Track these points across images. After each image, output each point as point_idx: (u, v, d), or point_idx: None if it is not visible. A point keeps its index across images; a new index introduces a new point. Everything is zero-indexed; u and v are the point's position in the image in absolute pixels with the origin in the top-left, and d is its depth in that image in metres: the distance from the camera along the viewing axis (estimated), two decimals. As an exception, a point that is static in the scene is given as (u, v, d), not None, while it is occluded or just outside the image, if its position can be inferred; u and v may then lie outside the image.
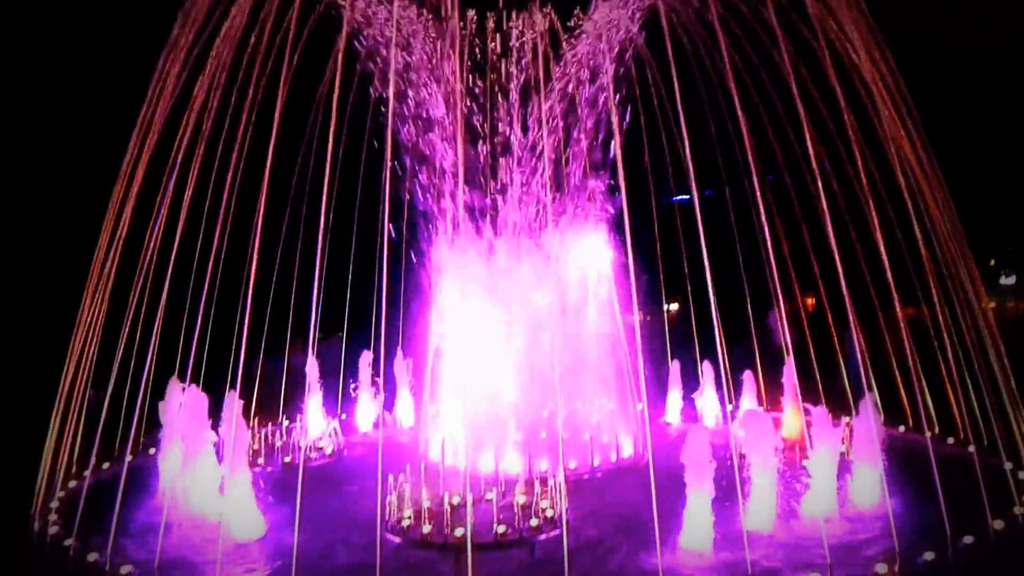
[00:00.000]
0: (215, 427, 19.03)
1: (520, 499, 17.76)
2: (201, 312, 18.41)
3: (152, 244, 19.83)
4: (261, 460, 22.23)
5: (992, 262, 59.58)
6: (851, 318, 17.76)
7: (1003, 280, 60.66)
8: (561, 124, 23.47)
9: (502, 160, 22.81)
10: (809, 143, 17.55)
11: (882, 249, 17.98)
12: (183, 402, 18.95)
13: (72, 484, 20.10)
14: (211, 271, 18.66)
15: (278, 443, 23.41)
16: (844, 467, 19.06)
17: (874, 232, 18.52)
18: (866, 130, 19.39)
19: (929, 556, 15.25)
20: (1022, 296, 57.90)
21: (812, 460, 18.20)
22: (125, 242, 20.26)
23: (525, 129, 23.15)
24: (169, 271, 19.00)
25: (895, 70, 20.64)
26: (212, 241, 19.33)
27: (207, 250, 19.57)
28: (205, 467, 18.47)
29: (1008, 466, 19.35)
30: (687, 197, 27.66)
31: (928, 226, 19.86)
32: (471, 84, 22.90)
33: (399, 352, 26.80)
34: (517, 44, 23.19)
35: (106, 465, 20.66)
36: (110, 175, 21.17)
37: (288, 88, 18.26)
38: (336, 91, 17.31)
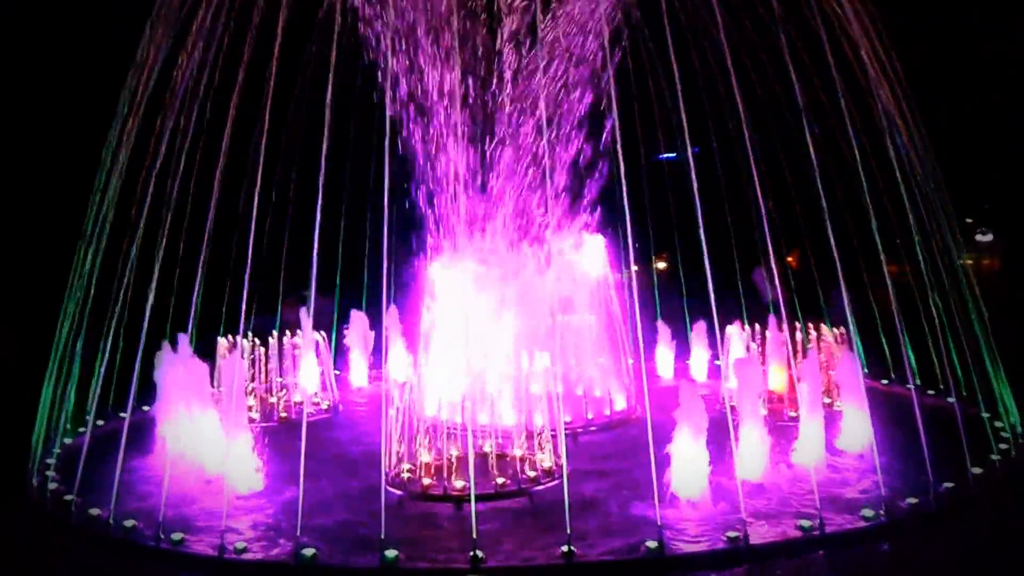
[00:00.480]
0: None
1: (517, 451, 18.19)
2: (203, 263, 18.68)
3: (146, 199, 19.91)
4: (257, 416, 22.42)
5: (969, 220, 60.22)
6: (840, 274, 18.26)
7: (979, 238, 61.25)
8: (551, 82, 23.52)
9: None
10: (798, 96, 17.89)
11: (869, 205, 18.46)
12: (184, 368, 19.30)
13: (67, 441, 20.32)
14: (211, 223, 18.80)
15: (272, 399, 23.72)
16: (831, 417, 19.61)
17: (861, 188, 18.93)
18: (852, 86, 19.73)
19: (912, 500, 15.80)
20: (996, 253, 58.51)
21: (799, 411, 18.72)
22: (119, 199, 20.37)
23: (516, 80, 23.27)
24: (165, 226, 19.26)
25: (880, 27, 20.93)
26: (207, 196, 19.46)
27: (201, 206, 19.71)
28: (205, 425, 18.81)
29: (986, 416, 20.02)
30: (675, 155, 27.92)
31: (913, 184, 20.24)
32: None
33: (392, 309, 27.00)
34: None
35: (100, 422, 20.82)
36: (102, 130, 21.25)
37: (281, 40, 18.39)
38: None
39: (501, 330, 21.91)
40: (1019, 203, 51.78)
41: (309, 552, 14.26)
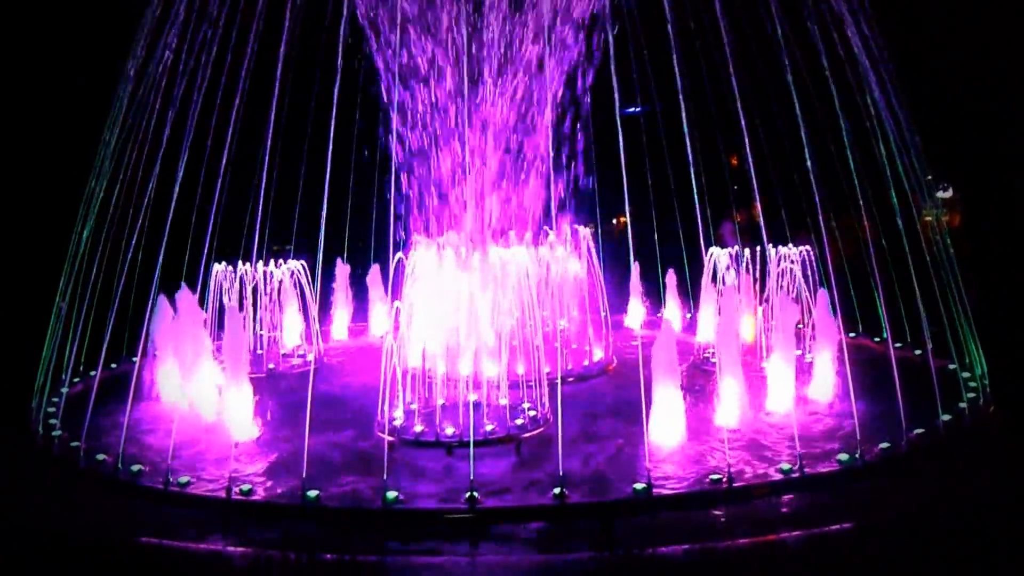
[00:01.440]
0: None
1: (503, 400, 19.00)
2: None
3: (136, 160, 20.40)
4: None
5: (929, 176, 61.41)
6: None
7: (939, 194, 62.59)
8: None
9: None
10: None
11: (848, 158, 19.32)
12: (179, 312, 19.88)
13: (64, 390, 20.79)
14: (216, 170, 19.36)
15: (260, 351, 24.34)
16: (804, 368, 20.64)
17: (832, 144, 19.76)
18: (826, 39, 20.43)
19: (884, 445, 16.78)
20: (955, 209, 59.79)
21: (771, 361, 19.65)
22: (114, 159, 20.80)
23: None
24: (152, 182, 19.74)
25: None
26: (199, 154, 19.97)
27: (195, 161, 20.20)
28: (204, 374, 19.44)
29: (953, 366, 21.06)
30: (639, 109, 28.51)
31: (881, 140, 21.05)
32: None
33: (374, 265, 27.60)
34: None
35: (93, 372, 21.27)
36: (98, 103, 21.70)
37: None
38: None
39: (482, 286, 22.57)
40: (978, 158, 52.80)
41: (313, 493, 14.97)
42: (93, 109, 22.65)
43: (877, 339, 23.64)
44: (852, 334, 24.94)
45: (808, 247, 23.33)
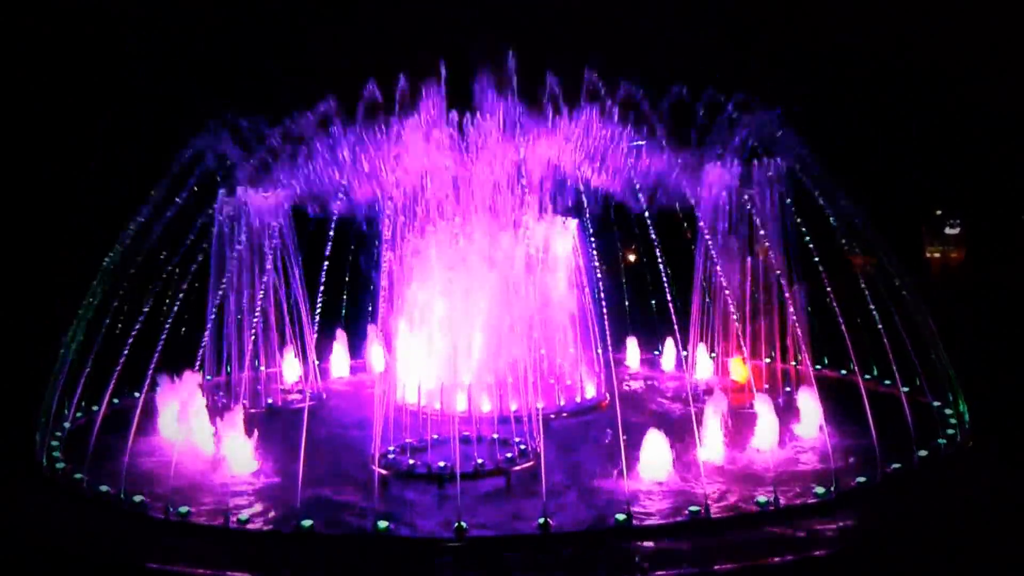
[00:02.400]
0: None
1: (495, 435, 20.09)
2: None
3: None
4: (246, 403, 24.10)
5: (938, 212, 62.42)
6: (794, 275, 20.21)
7: (948, 230, 63.55)
8: None
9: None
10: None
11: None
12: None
13: (67, 424, 21.89)
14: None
15: (259, 387, 25.47)
16: (790, 405, 21.76)
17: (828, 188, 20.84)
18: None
19: (861, 479, 17.79)
20: (963, 245, 60.79)
21: (758, 400, 20.68)
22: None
23: None
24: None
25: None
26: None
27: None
28: (200, 417, 20.66)
29: (936, 404, 22.07)
30: (644, 142, 29.60)
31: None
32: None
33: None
34: None
35: (95, 408, 22.34)
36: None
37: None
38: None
39: (476, 323, 23.64)
40: (983, 194, 53.87)
41: (307, 523, 16.03)
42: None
43: (866, 376, 24.54)
44: (842, 371, 25.87)
45: (799, 285, 24.31)
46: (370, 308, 27.18)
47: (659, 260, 21.04)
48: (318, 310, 26.57)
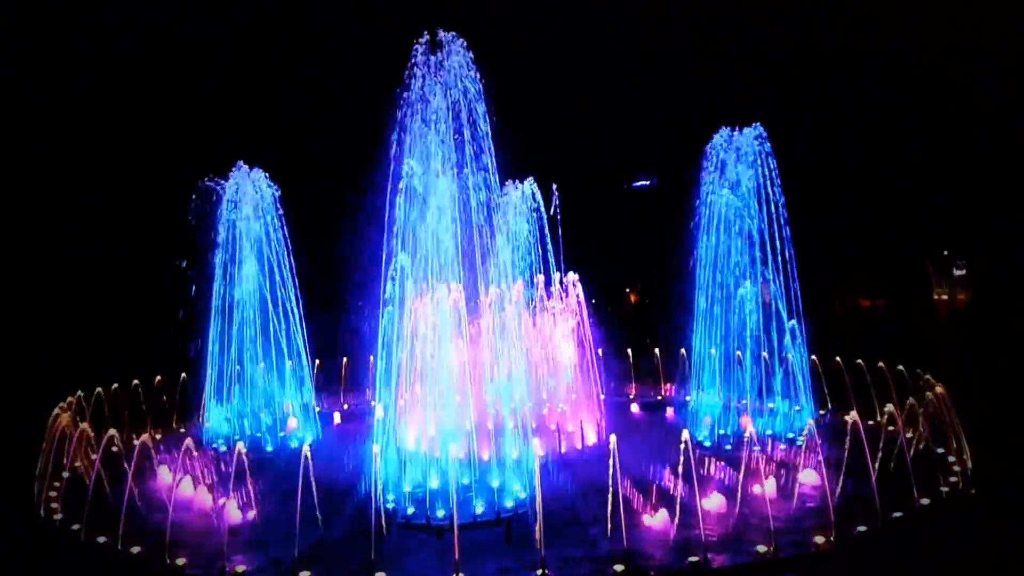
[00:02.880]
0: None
1: (494, 482, 20.19)
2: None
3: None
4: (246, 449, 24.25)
5: (945, 252, 62.57)
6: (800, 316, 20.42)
7: (956, 272, 63.65)
8: None
9: None
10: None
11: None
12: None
13: (65, 474, 22.03)
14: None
15: (259, 434, 25.62)
16: (795, 451, 21.88)
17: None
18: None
19: (861, 528, 17.87)
20: (969, 286, 60.86)
21: (760, 446, 20.79)
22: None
23: None
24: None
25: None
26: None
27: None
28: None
29: (940, 451, 22.15)
30: (647, 183, 29.95)
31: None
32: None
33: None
34: None
35: (94, 457, 22.47)
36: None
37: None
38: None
39: (477, 369, 23.81)
40: (989, 235, 54.12)
41: (305, 574, 16.13)
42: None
43: (871, 422, 24.64)
44: (847, 417, 25.94)
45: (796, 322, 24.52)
46: (371, 357, 27.38)
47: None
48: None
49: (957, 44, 47.76)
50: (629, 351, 30.42)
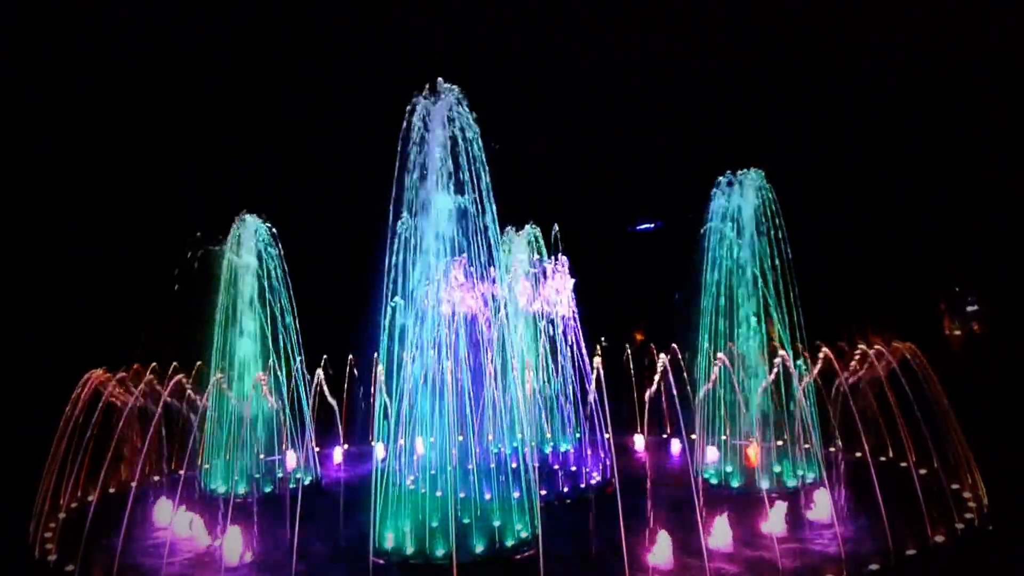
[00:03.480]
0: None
1: (496, 522, 19.96)
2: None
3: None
4: (244, 491, 24.11)
5: (957, 288, 62.41)
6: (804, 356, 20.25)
7: (968, 308, 63.47)
8: None
9: None
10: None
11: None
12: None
13: (61, 515, 21.84)
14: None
15: (258, 475, 25.43)
16: (804, 489, 21.64)
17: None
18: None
19: (874, 567, 17.58)
20: (985, 321, 60.62)
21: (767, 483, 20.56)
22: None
23: None
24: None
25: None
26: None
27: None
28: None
29: (955, 487, 21.87)
30: (651, 225, 29.98)
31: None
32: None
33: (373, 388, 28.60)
34: None
35: (91, 498, 22.30)
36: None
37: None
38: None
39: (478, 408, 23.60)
40: (1001, 271, 53.95)
41: (302, 617, 15.94)
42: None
43: (882, 459, 24.40)
44: (859, 454, 25.72)
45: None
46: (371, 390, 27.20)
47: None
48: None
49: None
50: (634, 389, 30.12)
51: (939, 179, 50.08)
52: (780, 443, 25.40)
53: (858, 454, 25.20)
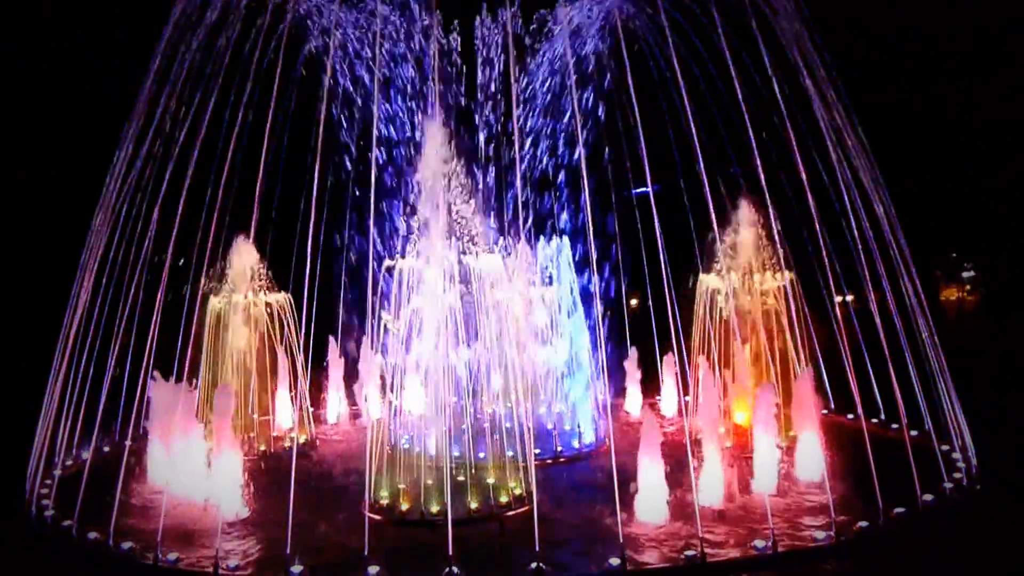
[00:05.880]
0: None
1: (490, 479, 20.42)
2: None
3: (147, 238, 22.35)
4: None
5: (953, 255, 63.04)
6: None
7: (964, 274, 64.20)
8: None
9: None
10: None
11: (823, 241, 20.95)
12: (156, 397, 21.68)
13: (57, 472, 22.24)
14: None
15: (252, 434, 25.88)
16: (792, 449, 22.13)
17: (814, 224, 21.28)
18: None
19: (863, 524, 18.07)
20: (978, 287, 61.36)
21: (757, 442, 20.99)
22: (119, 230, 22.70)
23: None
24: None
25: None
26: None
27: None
28: (190, 455, 20.99)
29: (945, 448, 22.31)
30: (647, 189, 30.14)
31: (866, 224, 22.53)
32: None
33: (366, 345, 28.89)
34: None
35: (86, 454, 22.71)
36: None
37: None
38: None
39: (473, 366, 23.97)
40: (996, 235, 54.43)
41: (297, 568, 16.37)
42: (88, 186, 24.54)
43: (874, 420, 24.83)
44: (850, 415, 26.13)
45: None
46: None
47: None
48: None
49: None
50: (629, 352, 30.62)
51: (933, 145, 50.49)
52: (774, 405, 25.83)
53: (850, 416, 25.82)
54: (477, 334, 23.35)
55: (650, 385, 30.97)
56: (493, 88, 26.64)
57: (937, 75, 49.03)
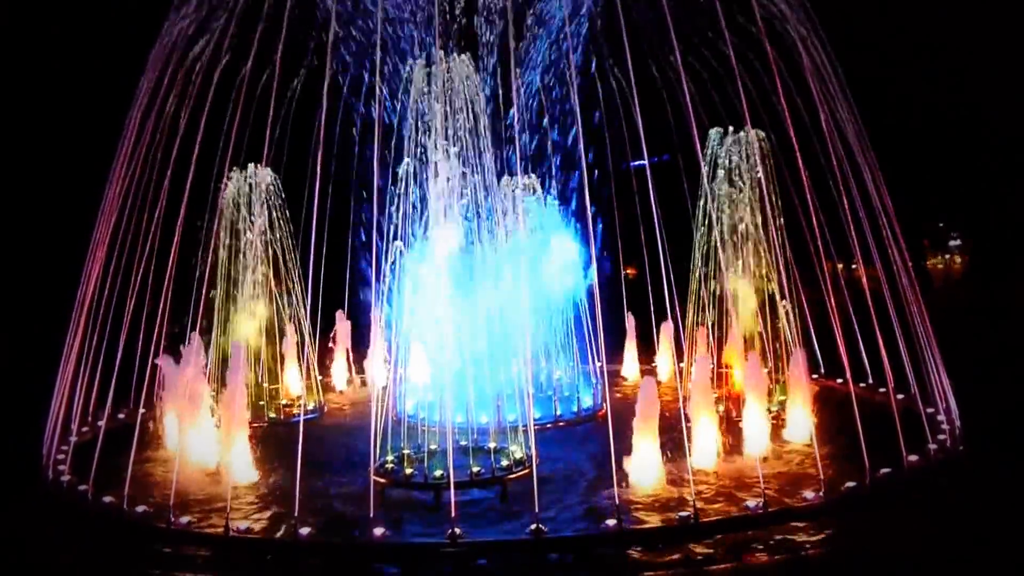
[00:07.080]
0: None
1: (491, 444, 20.56)
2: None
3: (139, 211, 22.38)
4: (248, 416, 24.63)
5: (941, 224, 63.11)
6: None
7: (951, 243, 64.34)
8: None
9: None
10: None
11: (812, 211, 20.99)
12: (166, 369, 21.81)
13: (73, 438, 22.40)
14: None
15: (261, 402, 26.02)
16: (781, 412, 22.39)
17: (806, 192, 21.28)
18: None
19: (850, 484, 18.22)
20: (966, 255, 61.49)
21: (749, 407, 21.12)
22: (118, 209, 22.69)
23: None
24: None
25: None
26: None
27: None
28: (203, 422, 21.15)
29: (929, 411, 22.46)
30: (644, 162, 30.10)
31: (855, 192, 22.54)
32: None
33: (374, 313, 28.90)
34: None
35: (101, 422, 22.81)
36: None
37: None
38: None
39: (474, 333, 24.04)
40: (983, 205, 54.41)
41: (306, 530, 16.55)
42: (100, 160, 24.54)
43: (862, 384, 24.93)
44: (839, 380, 26.24)
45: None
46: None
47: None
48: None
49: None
50: (627, 319, 30.73)
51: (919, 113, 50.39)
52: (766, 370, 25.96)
53: (839, 380, 25.93)
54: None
55: (648, 350, 31.13)
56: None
57: (925, 47, 48.78)
